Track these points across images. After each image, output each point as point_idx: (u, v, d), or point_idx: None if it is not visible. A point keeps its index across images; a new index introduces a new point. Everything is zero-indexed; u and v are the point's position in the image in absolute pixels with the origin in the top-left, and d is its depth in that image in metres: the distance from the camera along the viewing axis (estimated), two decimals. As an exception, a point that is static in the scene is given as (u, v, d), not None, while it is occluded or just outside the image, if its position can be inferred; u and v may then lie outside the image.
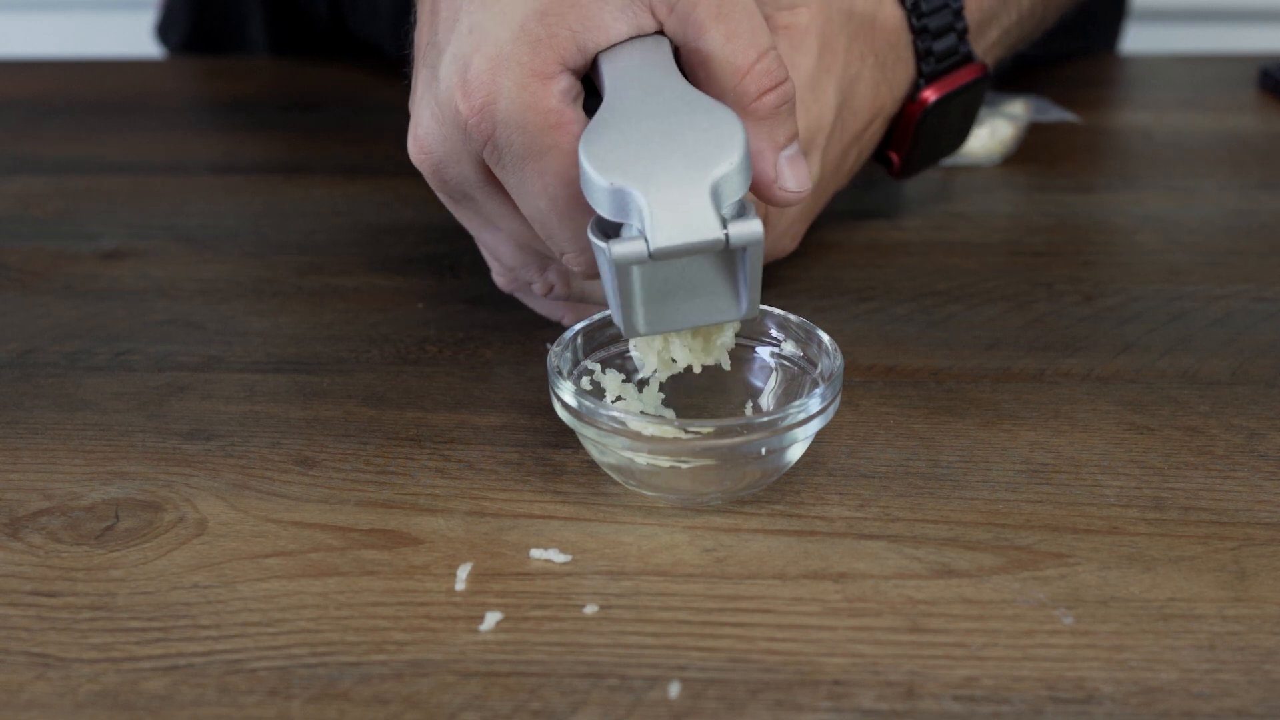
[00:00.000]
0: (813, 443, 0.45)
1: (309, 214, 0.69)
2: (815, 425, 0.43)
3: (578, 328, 0.47)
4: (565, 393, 0.43)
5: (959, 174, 0.72)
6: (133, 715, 0.36)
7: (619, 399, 0.46)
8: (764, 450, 0.42)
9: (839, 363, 0.44)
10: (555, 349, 0.45)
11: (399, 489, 0.45)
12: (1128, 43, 1.02)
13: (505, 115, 0.43)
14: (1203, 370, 0.52)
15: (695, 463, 0.43)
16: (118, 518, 0.44)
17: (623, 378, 0.47)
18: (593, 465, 0.46)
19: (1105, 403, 0.50)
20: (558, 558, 0.42)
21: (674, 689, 0.37)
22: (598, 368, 0.47)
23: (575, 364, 0.47)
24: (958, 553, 0.42)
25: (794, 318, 0.47)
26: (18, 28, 1.54)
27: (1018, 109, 0.76)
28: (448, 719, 0.36)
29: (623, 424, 0.42)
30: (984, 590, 0.40)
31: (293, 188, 0.73)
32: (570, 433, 0.46)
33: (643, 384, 0.47)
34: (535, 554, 0.42)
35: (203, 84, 0.97)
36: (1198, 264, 0.62)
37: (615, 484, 0.45)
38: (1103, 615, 0.39)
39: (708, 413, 0.47)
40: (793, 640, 0.38)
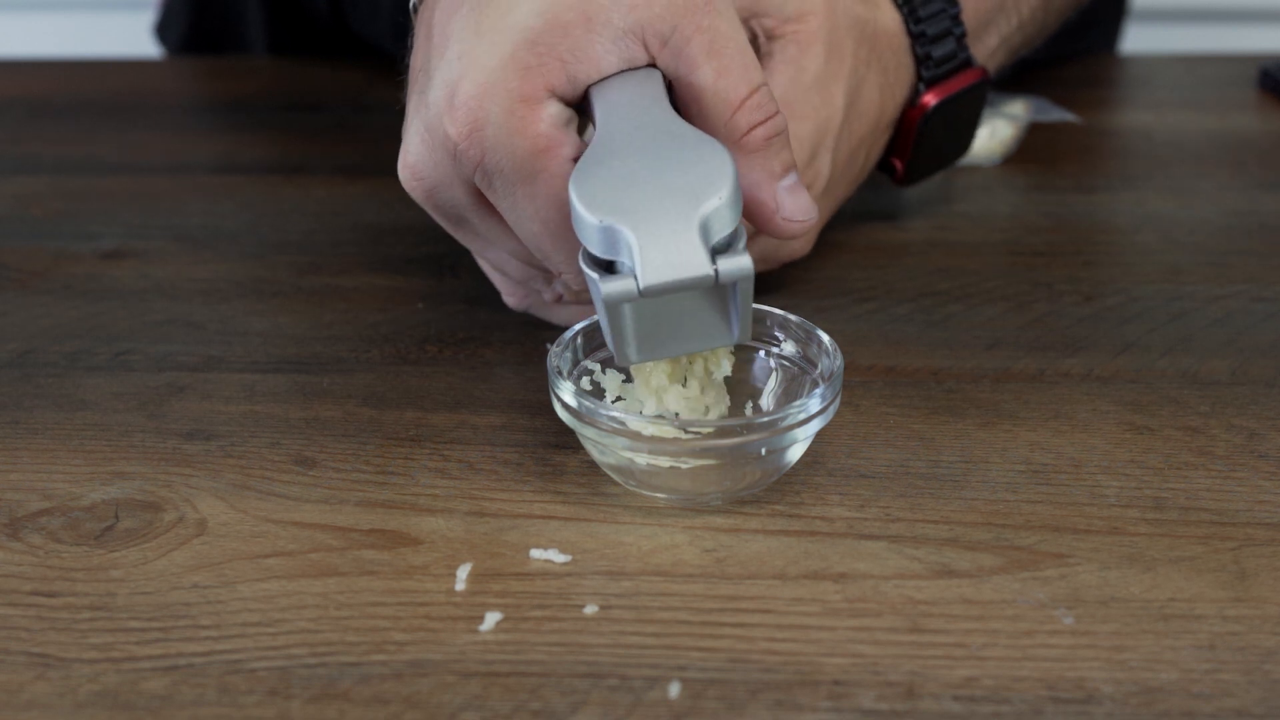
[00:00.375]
0: (813, 443, 0.45)
1: (309, 214, 0.69)
2: (815, 425, 0.43)
3: (578, 328, 0.47)
4: (565, 393, 0.43)
5: (959, 174, 0.72)
6: (133, 715, 0.36)
7: (619, 399, 0.46)
8: (764, 450, 0.42)
9: (839, 363, 0.44)
10: (555, 349, 0.45)
11: (399, 489, 0.45)
12: (1128, 43, 1.02)
13: (493, 141, 0.43)
14: (1203, 370, 0.52)
15: (695, 463, 0.43)
16: (118, 518, 0.44)
17: (623, 378, 0.47)
18: (593, 465, 0.46)
19: (1105, 403, 0.50)
20: (558, 558, 0.42)
21: (674, 689, 0.37)
22: (598, 368, 0.47)
23: (575, 364, 0.47)
24: (958, 553, 0.42)
25: (794, 318, 0.47)
26: (18, 28, 1.54)
27: (1018, 109, 0.76)
28: (448, 719, 0.36)
29: (623, 424, 0.42)
30: (984, 590, 0.40)
31: (293, 188, 0.73)
32: (570, 433, 0.46)
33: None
34: (535, 554, 0.42)
35: (202, 84, 0.97)
36: (1198, 264, 0.62)
37: (615, 484, 0.45)
38: (1103, 615, 0.39)
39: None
40: (793, 640, 0.38)
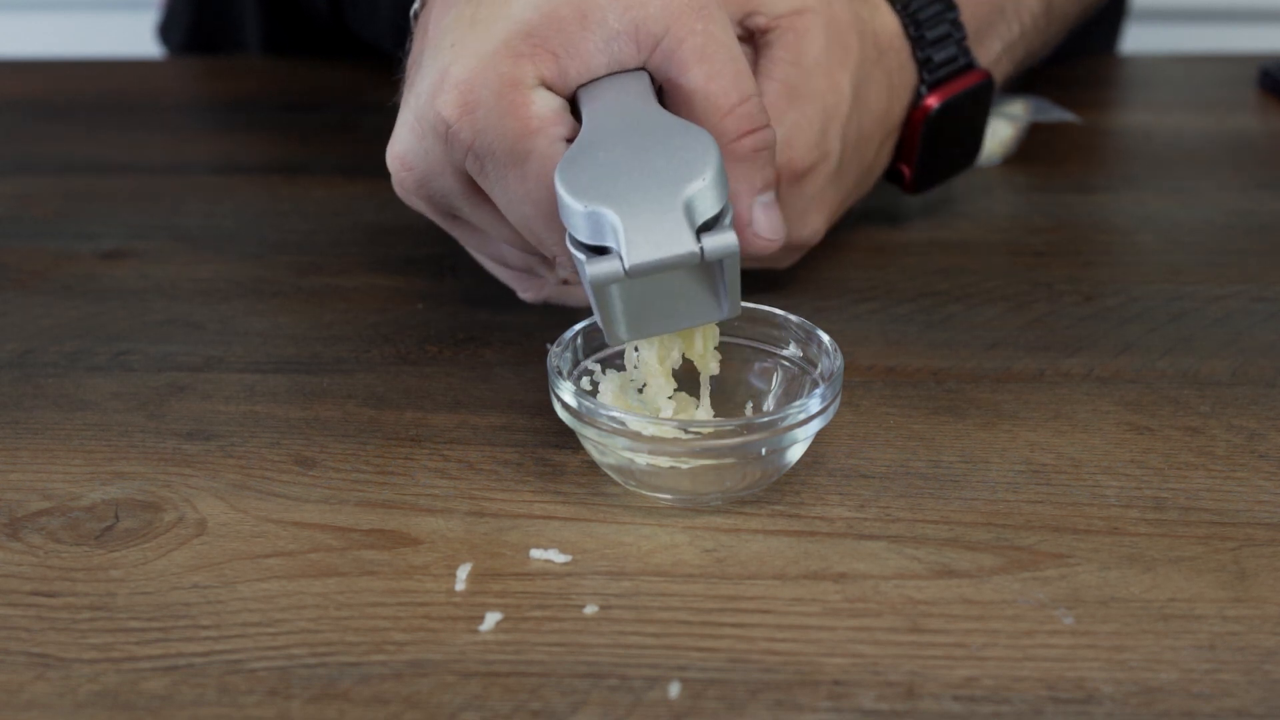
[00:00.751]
0: (813, 443, 0.45)
1: (309, 214, 0.69)
2: (815, 425, 0.43)
3: (577, 328, 0.47)
4: (565, 393, 0.43)
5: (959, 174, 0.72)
6: (133, 715, 0.36)
7: (644, 387, 0.46)
8: (764, 450, 0.42)
9: (839, 363, 0.44)
10: (555, 349, 0.45)
11: (399, 489, 0.45)
12: (1128, 43, 1.02)
13: (484, 122, 0.43)
14: (1203, 370, 0.52)
15: (695, 463, 0.43)
16: (117, 518, 0.44)
17: (627, 379, 0.47)
18: (593, 465, 0.46)
19: (1105, 403, 0.50)
20: (558, 558, 0.42)
21: (674, 689, 0.37)
22: (598, 368, 0.47)
23: (575, 364, 0.47)
24: (958, 553, 0.42)
25: (794, 318, 0.47)
26: (18, 28, 1.54)
27: (1018, 109, 0.76)
28: (448, 719, 0.36)
29: (623, 424, 0.42)
30: (984, 590, 0.40)
31: (292, 188, 0.73)
32: (570, 433, 0.46)
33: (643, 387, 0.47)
34: (535, 554, 0.42)
35: (203, 84, 0.97)
36: (1198, 264, 0.62)
37: (615, 484, 0.45)
38: (1103, 615, 0.39)
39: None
40: (793, 640, 0.38)
